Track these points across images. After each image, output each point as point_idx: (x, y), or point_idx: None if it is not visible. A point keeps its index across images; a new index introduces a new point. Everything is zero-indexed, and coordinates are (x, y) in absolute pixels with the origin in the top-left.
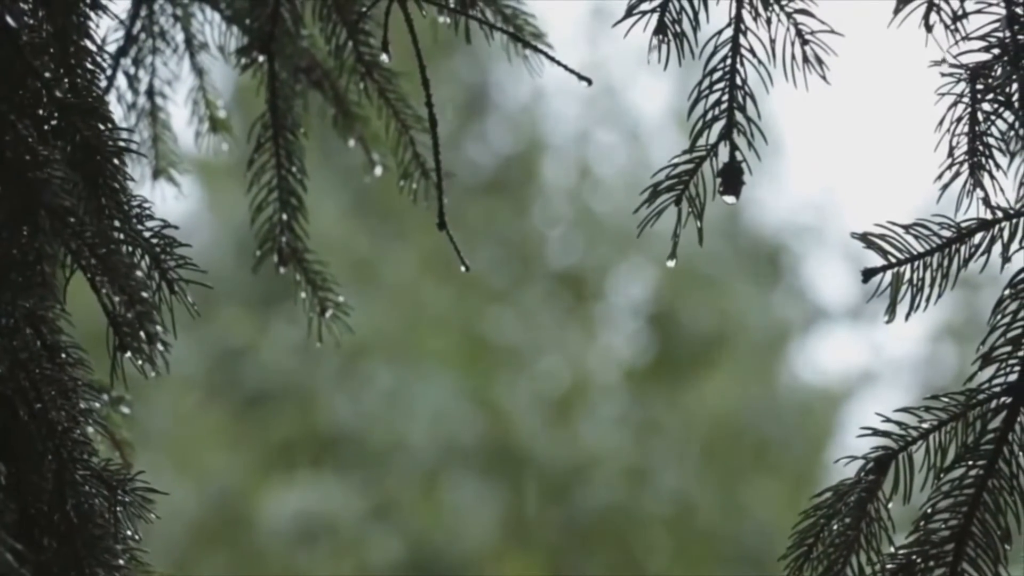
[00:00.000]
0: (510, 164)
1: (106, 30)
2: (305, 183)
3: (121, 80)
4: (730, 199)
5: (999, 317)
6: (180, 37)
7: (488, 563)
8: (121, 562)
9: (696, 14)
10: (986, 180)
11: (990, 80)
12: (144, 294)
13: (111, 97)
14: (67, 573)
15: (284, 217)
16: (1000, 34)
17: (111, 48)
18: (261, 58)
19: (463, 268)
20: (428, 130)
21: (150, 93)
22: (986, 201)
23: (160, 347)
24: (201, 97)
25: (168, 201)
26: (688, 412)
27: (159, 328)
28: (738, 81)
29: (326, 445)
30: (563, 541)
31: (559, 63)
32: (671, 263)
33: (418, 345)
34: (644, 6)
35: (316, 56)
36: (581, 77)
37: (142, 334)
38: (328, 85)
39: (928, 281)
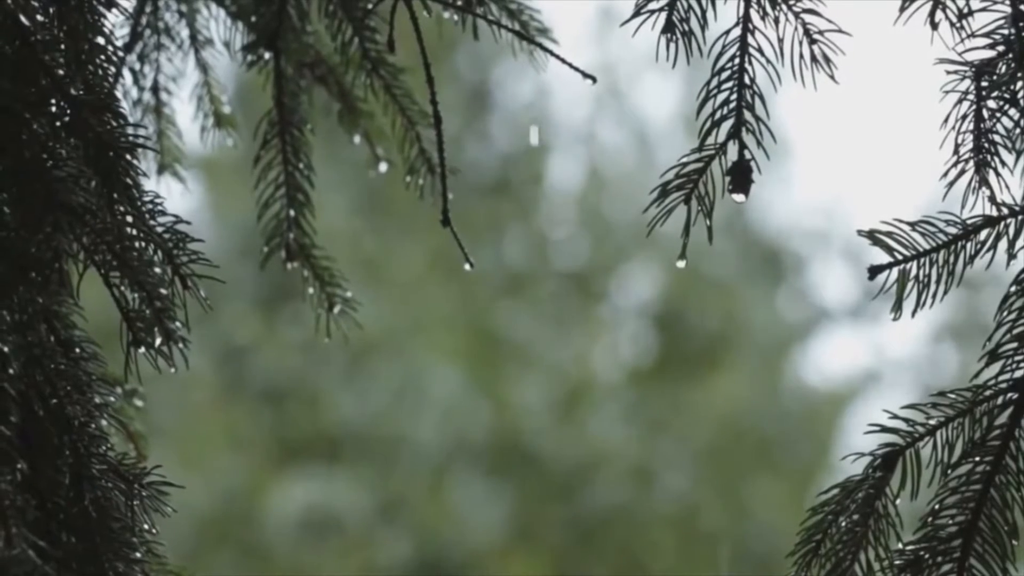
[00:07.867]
0: (514, 163)
1: (111, 26)
2: (312, 179)
3: (126, 76)
4: (739, 197)
5: (1005, 313)
6: (185, 33)
7: (493, 561)
8: (139, 555)
9: (704, 13)
10: (991, 177)
11: (995, 77)
12: (163, 291)
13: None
14: (86, 567)
15: (291, 213)
16: (1005, 31)
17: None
18: (267, 55)
19: (467, 265)
20: (434, 126)
21: (155, 89)
22: (992, 198)
23: (180, 344)
24: (206, 93)
25: (173, 197)
26: (693, 412)
27: (177, 324)
28: (746, 80)
29: (333, 442)
30: (568, 540)
31: (564, 61)
32: (681, 263)
33: (424, 342)
34: (652, 5)
35: (321, 52)
36: (585, 75)
37: (156, 331)
38: (333, 80)
39: (934, 278)
